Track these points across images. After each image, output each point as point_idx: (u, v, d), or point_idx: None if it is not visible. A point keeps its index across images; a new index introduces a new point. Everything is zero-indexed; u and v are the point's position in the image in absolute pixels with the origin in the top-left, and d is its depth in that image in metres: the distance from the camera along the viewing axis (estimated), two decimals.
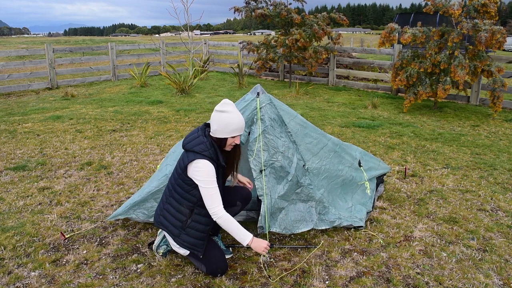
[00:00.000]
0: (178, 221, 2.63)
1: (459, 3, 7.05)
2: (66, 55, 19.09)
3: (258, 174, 2.93)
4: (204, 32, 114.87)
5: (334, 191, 3.34)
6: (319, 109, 7.92)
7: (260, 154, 2.94)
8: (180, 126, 6.53)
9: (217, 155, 2.57)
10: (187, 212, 2.61)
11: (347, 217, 3.25)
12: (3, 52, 12.05)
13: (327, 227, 3.18)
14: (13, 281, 2.61)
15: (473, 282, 2.61)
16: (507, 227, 3.34)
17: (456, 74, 6.84)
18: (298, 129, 3.19)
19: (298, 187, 3.08)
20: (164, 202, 2.73)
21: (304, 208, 3.13)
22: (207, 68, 13.04)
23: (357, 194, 3.54)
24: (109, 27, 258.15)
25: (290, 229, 3.06)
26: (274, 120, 3.03)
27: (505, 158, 5.11)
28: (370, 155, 4.04)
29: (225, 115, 2.52)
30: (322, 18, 10.09)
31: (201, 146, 2.54)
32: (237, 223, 2.54)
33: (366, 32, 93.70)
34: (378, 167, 3.97)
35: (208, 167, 2.50)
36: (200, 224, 2.62)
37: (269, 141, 2.96)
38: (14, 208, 3.64)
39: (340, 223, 3.19)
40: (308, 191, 3.10)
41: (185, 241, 2.63)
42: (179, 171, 2.60)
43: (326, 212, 3.18)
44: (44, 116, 7.23)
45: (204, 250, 2.65)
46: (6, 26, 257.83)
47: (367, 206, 3.46)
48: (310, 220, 3.14)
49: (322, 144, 3.37)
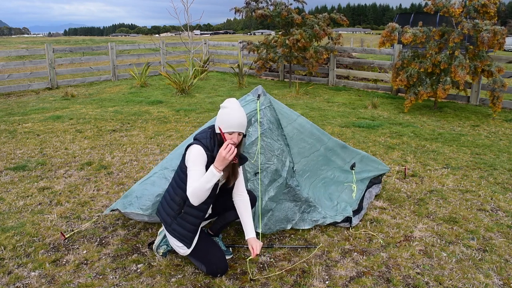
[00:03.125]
0: (171, 209, 2.68)
1: (460, 3, 7.05)
2: (66, 55, 19.09)
3: (253, 176, 2.95)
4: (204, 32, 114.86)
5: (317, 189, 3.37)
6: (319, 109, 7.91)
7: (256, 157, 2.95)
8: (180, 126, 6.53)
9: (214, 147, 2.60)
10: (179, 201, 2.64)
11: (333, 215, 3.29)
12: (3, 52, 12.05)
13: (308, 227, 3.21)
14: (13, 281, 2.61)
15: (473, 282, 2.61)
16: (507, 227, 3.34)
17: (456, 74, 6.84)
18: (294, 134, 3.21)
19: (286, 188, 3.13)
20: (165, 191, 2.84)
21: (289, 207, 3.18)
22: (207, 68, 13.04)
23: (344, 194, 3.58)
24: (109, 27, 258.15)
25: (272, 228, 3.12)
26: (272, 123, 3.04)
27: (505, 158, 5.11)
28: (373, 159, 4.03)
29: (224, 110, 2.58)
30: (323, 18, 10.10)
31: (202, 134, 2.64)
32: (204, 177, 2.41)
33: (366, 32, 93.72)
34: (374, 169, 3.98)
35: (199, 151, 2.53)
36: (191, 216, 2.64)
37: (267, 145, 2.97)
38: (14, 208, 3.64)
39: (323, 222, 3.23)
40: (295, 192, 3.15)
41: (175, 230, 2.66)
42: (181, 161, 2.69)
43: (311, 211, 3.23)
44: (44, 116, 7.23)
45: (193, 244, 2.67)
46: (6, 26, 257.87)
47: (352, 205, 3.49)
48: (291, 220, 3.18)
49: (314, 149, 3.42)
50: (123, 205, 3.14)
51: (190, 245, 2.67)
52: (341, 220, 3.28)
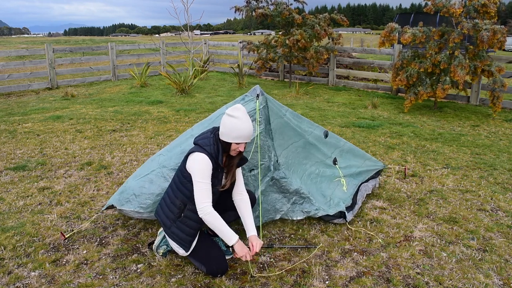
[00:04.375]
0: (171, 212, 2.67)
1: (460, 3, 7.05)
2: (66, 55, 19.09)
3: (247, 172, 3.02)
4: (204, 32, 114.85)
5: (310, 186, 3.41)
6: (319, 109, 7.91)
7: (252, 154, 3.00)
8: (180, 126, 6.53)
9: (218, 154, 2.57)
10: (180, 205, 2.63)
11: (326, 208, 3.33)
12: (3, 52, 12.05)
13: (299, 218, 3.28)
14: (13, 281, 2.61)
15: (473, 282, 2.61)
16: (507, 227, 3.34)
17: (456, 74, 6.84)
18: (277, 127, 3.30)
19: (271, 180, 3.19)
20: (165, 192, 2.81)
21: (277, 199, 3.24)
22: (207, 68, 13.04)
23: (337, 190, 3.61)
24: (109, 27, 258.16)
25: (262, 218, 3.15)
26: (268, 122, 3.11)
27: (505, 158, 5.11)
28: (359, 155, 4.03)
29: (233, 120, 2.52)
30: (323, 19, 10.10)
31: (205, 141, 2.60)
32: (224, 222, 2.53)
33: (366, 32, 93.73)
34: (362, 165, 3.97)
35: (204, 160, 2.51)
36: (191, 220, 2.63)
37: (263, 143, 3.03)
38: (14, 208, 3.64)
39: (315, 214, 3.28)
40: (280, 184, 3.20)
41: (174, 233, 2.66)
42: (182, 163, 2.66)
43: (304, 202, 3.28)
44: (44, 116, 7.23)
45: (191, 247, 2.67)
46: (6, 26, 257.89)
47: (346, 201, 3.50)
48: (279, 210, 3.25)
49: (292, 140, 3.48)
50: (119, 201, 3.11)
51: (189, 249, 2.67)
52: (334, 213, 3.30)
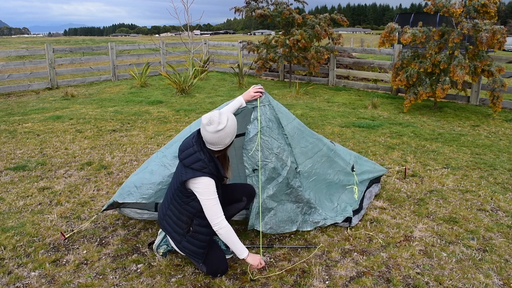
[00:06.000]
0: (179, 228, 2.64)
1: (460, 3, 7.05)
2: (66, 55, 19.09)
3: (251, 172, 2.95)
4: (204, 32, 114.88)
5: (320, 191, 3.38)
6: (319, 109, 7.91)
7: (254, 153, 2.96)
8: (180, 126, 6.53)
9: (217, 168, 2.55)
10: (187, 220, 2.61)
11: (333, 216, 3.30)
12: (3, 52, 12.05)
13: (310, 229, 3.22)
14: (13, 281, 2.61)
15: (473, 282, 2.61)
16: (507, 227, 3.34)
17: (455, 74, 6.84)
18: (295, 132, 3.20)
19: (288, 189, 3.10)
20: (165, 207, 2.71)
21: (292, 209, 3.17)
22: (207, 68, 13.04)
23: (344, 195, 3.57)
24: (109, 27, 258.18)
25: (276, 229, 3.10)
26: (271, 121, 3.03)
27: (505, 158, 5.11)
28: (365, 159, 4.05)
29: (220, 133, 2.48)
30: (324, 19, 10.10)
31: (199, 163, 2.48)
32: (236, 235, 2.56)
33: (366, 32, 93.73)
34: (374, 170, 3.99)
35: (208, 182, 2.48)
36: (200, 234, 2.63)
37: (264, 142, 2.97)
38: (14, 208, 3.64)
39: (324, 223, 3.24)
40: (297, 193, 3.13)
41: (186, 247, 2.64)
42: (178, 184, 2.56)
43: (312, 212, 3.23)
44: (44, 116, 7.23)
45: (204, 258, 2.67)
46: (6, 26, 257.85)
47: (353, 205, 3.49)
48: (295, 221, 3.18)
49: (317, 148, 3.41)
50: (121, 196, 3.02)
51: (202, 261, 2.66)
52: (342, 220, 3.29)
